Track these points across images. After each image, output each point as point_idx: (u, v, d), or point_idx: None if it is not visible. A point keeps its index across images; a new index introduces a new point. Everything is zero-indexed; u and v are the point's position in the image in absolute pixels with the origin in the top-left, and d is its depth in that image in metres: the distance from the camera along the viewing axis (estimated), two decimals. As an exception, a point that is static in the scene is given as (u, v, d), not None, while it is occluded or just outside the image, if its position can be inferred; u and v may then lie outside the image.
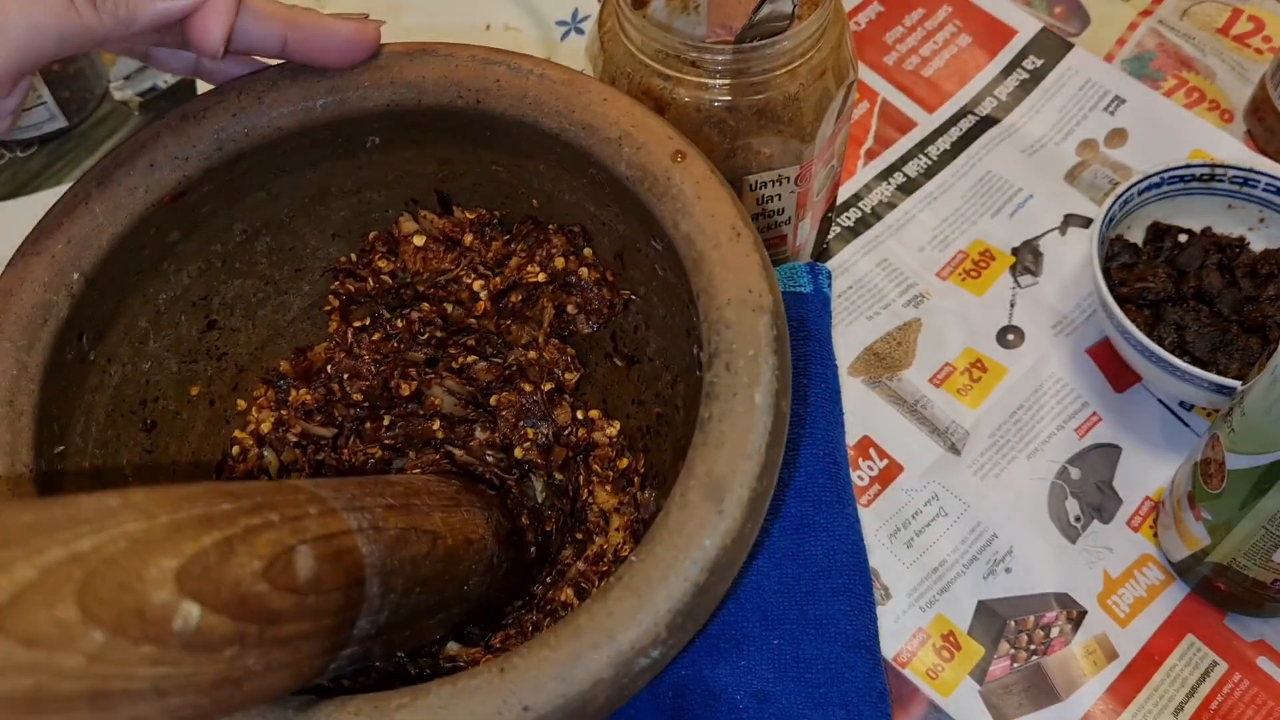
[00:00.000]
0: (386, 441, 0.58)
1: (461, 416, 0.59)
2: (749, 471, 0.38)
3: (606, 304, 0.55)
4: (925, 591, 0.62)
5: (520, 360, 0.58)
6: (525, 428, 0.58)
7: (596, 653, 0.36)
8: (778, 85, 0.58)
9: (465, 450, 0.58)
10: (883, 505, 0.65)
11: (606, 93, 0.48)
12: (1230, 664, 0.59)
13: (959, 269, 0.73)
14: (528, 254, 0.56)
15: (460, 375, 0.59)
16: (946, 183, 0.77)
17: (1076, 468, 0.65)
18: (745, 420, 0.39)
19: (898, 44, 0.83)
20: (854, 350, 0.70)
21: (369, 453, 0.58)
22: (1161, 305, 0.66)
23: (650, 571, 0.37)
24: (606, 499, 0.55)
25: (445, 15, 0.84)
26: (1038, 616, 0.61)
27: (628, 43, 0.58)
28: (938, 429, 0.67)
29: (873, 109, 0.81)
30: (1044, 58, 0.82)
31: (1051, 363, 0.69)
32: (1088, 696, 0.59)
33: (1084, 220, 0.75)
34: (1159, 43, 0.82)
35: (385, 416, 0.59)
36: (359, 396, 0.58)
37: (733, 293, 0.42)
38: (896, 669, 0.60)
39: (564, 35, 0.84)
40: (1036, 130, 0.79)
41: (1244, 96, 0.79)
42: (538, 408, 0.58)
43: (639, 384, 0.56)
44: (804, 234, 0.68)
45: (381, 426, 0.58)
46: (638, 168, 0.46)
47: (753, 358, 0.40)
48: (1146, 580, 0.62)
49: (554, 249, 0.55)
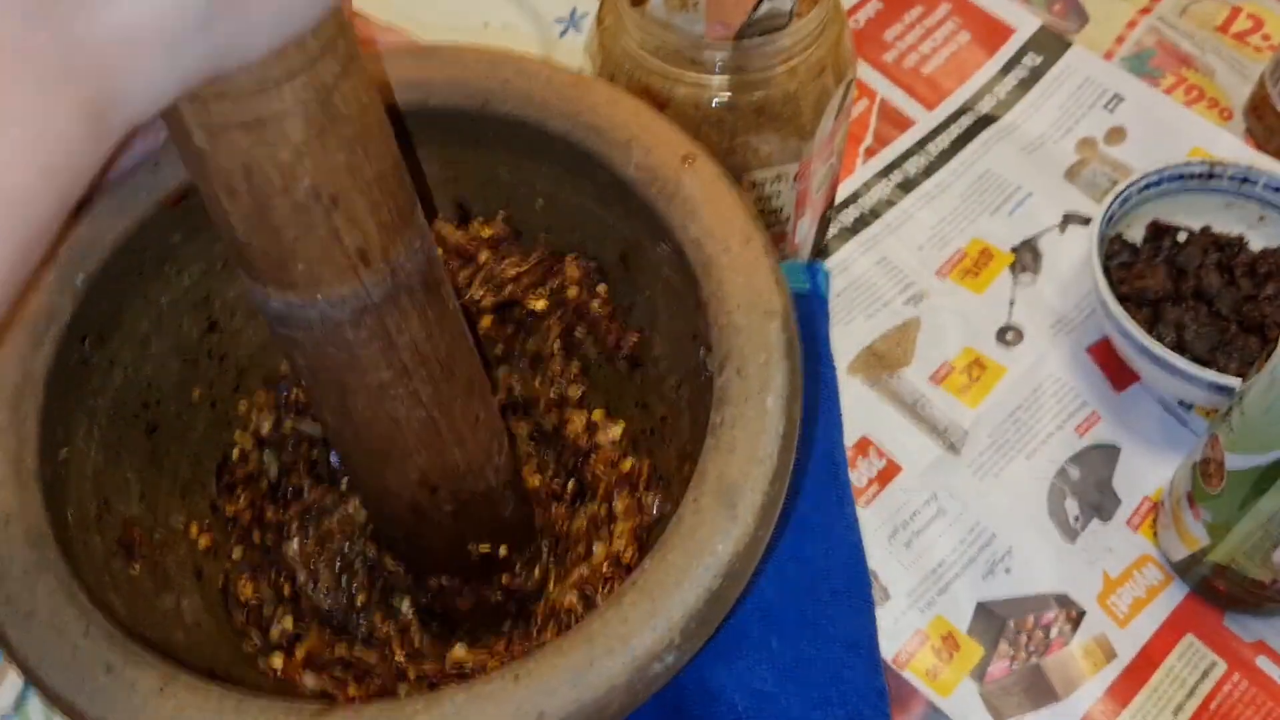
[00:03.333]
0: None
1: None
2: (762, 476, 0.38)
3: (615, 340, 0.55)
4: (924, 592, 0.62)
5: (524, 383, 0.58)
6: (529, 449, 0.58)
7: (611, 658, 0.36)
8: (777, 83, 0.58)
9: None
10: (881, 505, 0.65)
11: (614, 94, 0.48)
12: (1229, 664, 0.60)
13: (958, 267, 0.73)
14: (539, 278, 0.56)
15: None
16: (945, 181, 0.77)
17: (1076, 467, 0.66)
18: (757, 425, 0.39)
19: (897, 41, 0.83)
20: (852, 349, 0.70)
21: None
22: (1161, 304, 0.66)
23: (664, 577, 0.37)
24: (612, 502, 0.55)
25: (443, 13, 0.84)
26: (1037, 616, 0.61)
27: (626, 40, 0.58)
28: (937, 428, 0.67)
29: (871, 107, 0.80)
30: (1043, 56, 0.82)
31: (1051, 362, 0.69)
32: (1087, 696, 0.59)
33: (1083, 219, 0.75)
34: (1158, 40, 0.83)
35: None
36: None
37: (743, 297, 0.42)
38: (895, 669, 0.60)
39: (562, 33, 0.84)
40: (1036, 128, 0.79)
41: (1243, 94, 0.79)
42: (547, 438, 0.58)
43: (642, 386, 0.56)
44: (803, 232, 0.68)
45: None
46: (646, 170, 0.46)
47: (764, 363, 0.40)
48: (1146, 580, 0.62)
49: (568, 279, 0.55)
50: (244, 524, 0.55)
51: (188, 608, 0.49)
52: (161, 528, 0.51)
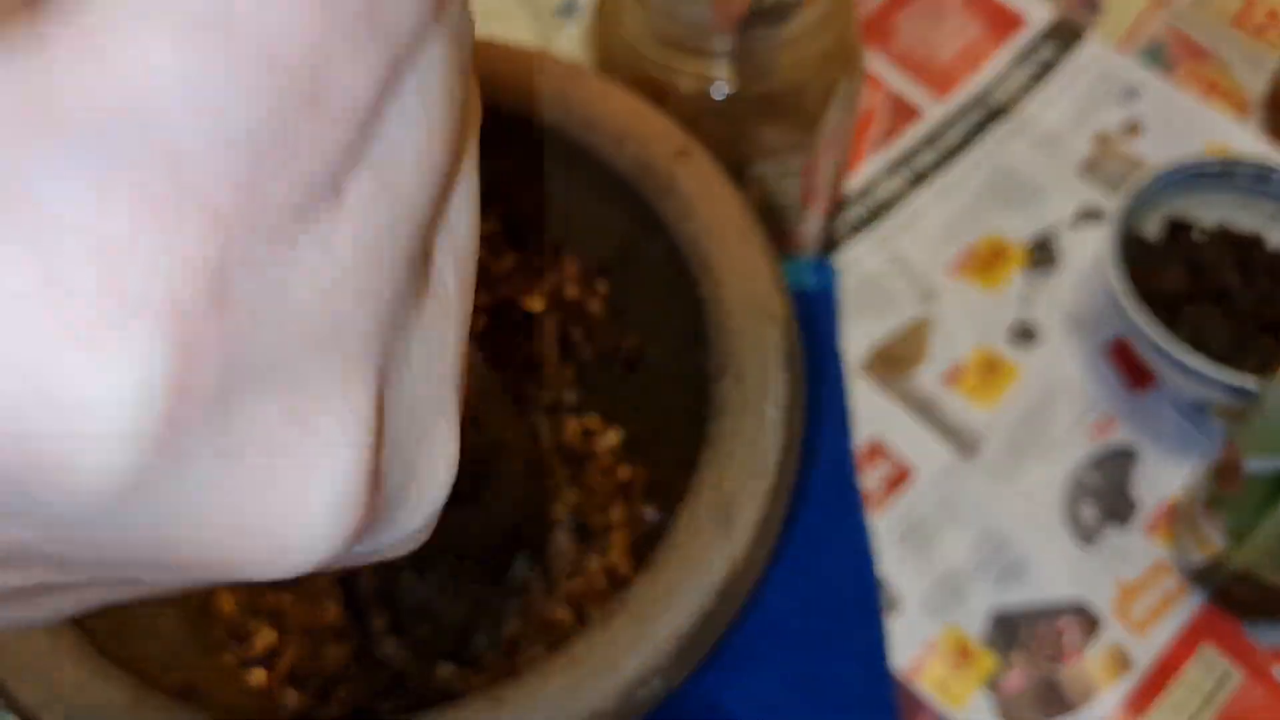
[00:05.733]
0: None
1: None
2: (760, 492, 0.37)
3: (613, 342, 0.54)
4: (935, 600, 0.61)
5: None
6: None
7: (596, 682, 0.35)
8: (782, 73, 0.56)
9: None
10: (892, 511, 0.63)
11: (608, 87, 0.47)
12: (1247, 673, 0.58)
13: (970, 264, 0.71)
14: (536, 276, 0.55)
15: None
16: (957, 176, 0.75)
17: (1091, 471, 0.64)
18: (756, 436, 0.38)
19: (906, 32, 0.82)
20: (862, 350, 0.68)
21: None
22: (1178, 303, 0.64)
23: (654, 597, 0.36)
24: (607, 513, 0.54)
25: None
26: (1051, 625, 0.60)
27: (626, 30, 0.57)
28: (949, 431, 0.65)
29: (880, 98, 0.79)
30: (1056, 48, 0.80)
31: (1065, 362, 0.67)
32: (1102, 707, 0.58)
33: (1098, 214, 0.73)
34: (1173, 33, 0.81)
35: None
36: None
37: (742, 300, 0.40)
38: (905, 681, 0.58)
39: (560, 23, 0.82)
40: (1049, 122, 0.77)
41: (1259, 88, 0.78)
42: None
43: (639, 390, 0.55)
44: (809, 228, 0.67)
45: None
46: (640, 165, 0.45)
47: (763, 370, 0.39)
48: (1163, 588, 0.61)
49: (566, 277, 0.54)
50: None
51: (165, 621, 0.48)
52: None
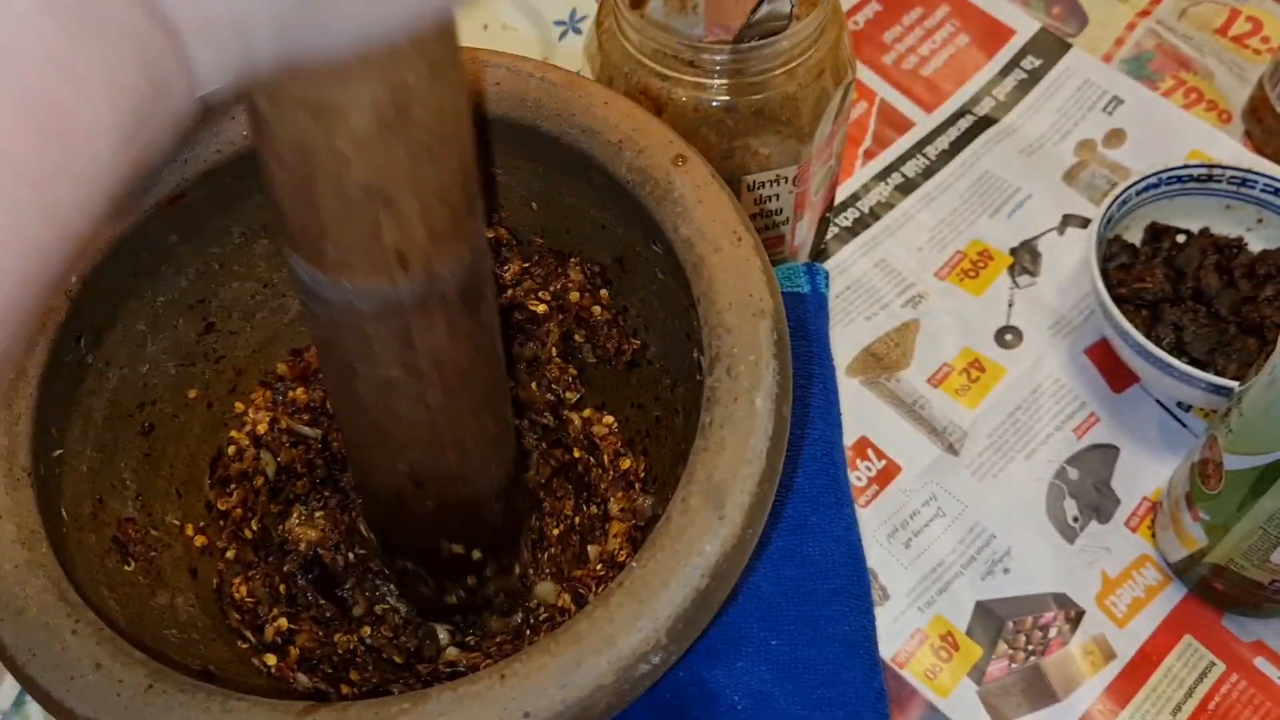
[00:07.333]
0: None
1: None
2: (750, 476, 0.38)
3: (615, 346, 0.55)
4: (923, 592, 0.62)
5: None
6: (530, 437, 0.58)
7: (597, 658, 0.36)
8: (776, 85, 0.58)
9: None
10: (881, 506, 0.65)
11: (607, 96, 0.48)
12: (1228, 664, 0.59)
13: (957, 269, 0.73)
14: (541, 281, 0.56)
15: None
16: (944, 183, 0.77)
17: (1074, 468, 0.65)
18: (746, 425, 0.39)
19: (896, 43, 0.83)
20: (852, 351, 0.70)
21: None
22: (1159, 306, 0.66)
23: (651, 577, 0.37)
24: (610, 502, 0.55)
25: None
26: (1036, 617, 0.61)
27: (625, 43, 0.58)
28: (936, 429, 0.67)
29: (871, 109, 0.80)
30: (1042, 58, 0.82)
31: (1049, 363, 0.69)
32: (1086, 697, 0.59)
33: (1082, 220, 0.74)
34: (1157, 43, 0.82)
35: None
36: None
37: (734, 297, 0.42)
38: (894, 669, 0.60)
39: (561, 35, 0.84)
40: (1035, 130, 0.79)
41: (1242, 97, 0.79)
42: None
43: (638, 387, 0.56)
44: (802, 234, 0.68)
45: None
46: (638, 171, 0.46)
47: (754, 363, 0.40)
48: (1144, 581, 0.62)
49: (570, 283, 0.55)
50: (236, 520, 0.55)
51: (182, 606, 0.49)
52: (157, 527, 0.51)
